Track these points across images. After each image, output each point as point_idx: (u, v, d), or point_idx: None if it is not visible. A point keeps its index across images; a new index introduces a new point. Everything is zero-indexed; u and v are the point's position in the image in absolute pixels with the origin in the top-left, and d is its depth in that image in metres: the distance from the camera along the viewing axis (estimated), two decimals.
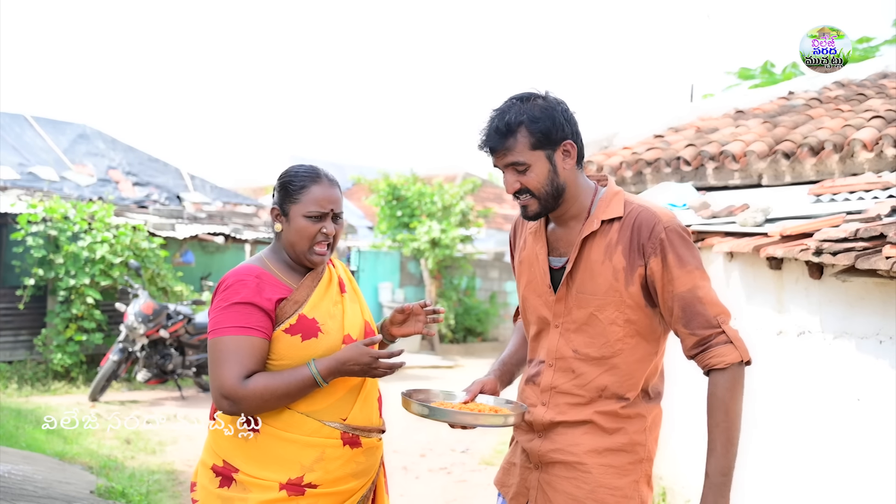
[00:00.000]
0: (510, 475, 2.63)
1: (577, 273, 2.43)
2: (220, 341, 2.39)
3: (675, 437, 5.60)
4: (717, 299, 2.34)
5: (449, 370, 14.04)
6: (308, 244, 2.50)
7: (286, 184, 2.53)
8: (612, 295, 2.38)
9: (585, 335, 2.42)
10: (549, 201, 2.42)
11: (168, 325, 9.76)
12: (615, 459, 2.43)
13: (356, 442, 2.50)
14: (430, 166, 21.94)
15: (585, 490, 2.41)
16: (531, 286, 2.56)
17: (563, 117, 2.39)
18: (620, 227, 2.40)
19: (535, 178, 2.38)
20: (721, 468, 2.36)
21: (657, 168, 6.41)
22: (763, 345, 4.57)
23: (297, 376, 2.39)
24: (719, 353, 2.30)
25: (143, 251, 11.00)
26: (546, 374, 2.49)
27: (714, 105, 8.12)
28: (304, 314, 2.46)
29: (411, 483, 6.65)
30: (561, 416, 2.46)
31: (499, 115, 2.40)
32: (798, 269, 4.28)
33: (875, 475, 3.78)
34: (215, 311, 2.44)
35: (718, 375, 2.32)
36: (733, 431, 2.36)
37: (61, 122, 14.63)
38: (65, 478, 5.70)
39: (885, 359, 3.75)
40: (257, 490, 2.39)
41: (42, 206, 10.50)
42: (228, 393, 2.34)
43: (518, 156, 2.37)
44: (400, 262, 17.50)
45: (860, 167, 5.18)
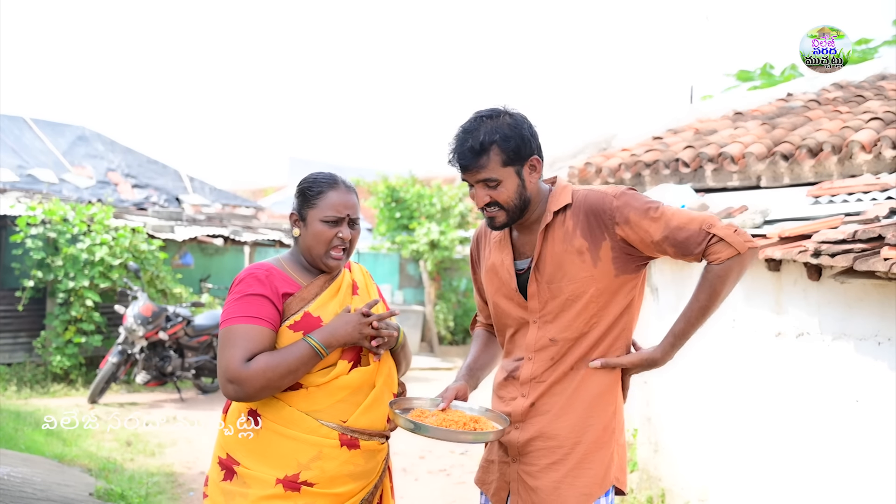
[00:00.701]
0: (489, 472, 2.71)
1: (545, 267, 2.55)
2: (229, 329, 2.45)
3: (672, 438, 5.60)
4: (693, 215, 2.49)
5: (448, 372, 14.03)
6: (324, 248, 2.57)
7: (305, 190, 2.62)
8: (582, 277, 2.51)
9: (563, 321, 2.54)
10: (517, 213, 2.57)
11: (167, 327, 9.76)
12: (589, 435, 2.53)
13: (354, 444, 2.51)
14: (429, 168, 21.92)
15: (563, 471, 2.51)
16: (501, 292, 2.68)
17: (529, 133, 2.55)
18: (573, 213, 2.55)
19: (506, 193, 2.53)
20: (680, 331, 2.55)
21: (656, 170, 6.41)
22: (761, 346, 4.58)
23: (296, 351, 2.44)
24: (714, 251, 2.44)
25: (142, 253, 10.99)
26: (525, 368, 2.60)
27: (713, 107, 8.12)
28: (309, 312, 2.52)
29: (410, 485, 6.66)
30: (540, 400, 2.56)
31: (471, 134, 2.51)
32: (796, 271, 4.28)
33: (874, 476, 3.78)
34: (227, 304, 2.51)
35: (715, 265, 2.46)
36: (708, 311, 2.52)
37: (60, 124, 14.64)
38: (64, 480, 5.70)
39: (884, 360, 3.76)
40: (256, 485, 2.43)
41: (41, 208, 10.48)
42: (233, 376, 2.39)
43: (490, 173, 2.50)
44: (399, 264, 17.50)
45: (858, 169, 5.18)
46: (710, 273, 2.45)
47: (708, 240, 2.42)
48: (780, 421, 4.42)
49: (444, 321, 16.54)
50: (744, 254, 2.43)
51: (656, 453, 5.78)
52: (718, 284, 2.45)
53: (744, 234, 2.45)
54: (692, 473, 5.28)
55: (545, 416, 2.55)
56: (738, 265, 2.44)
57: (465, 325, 17.05)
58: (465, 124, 2.55)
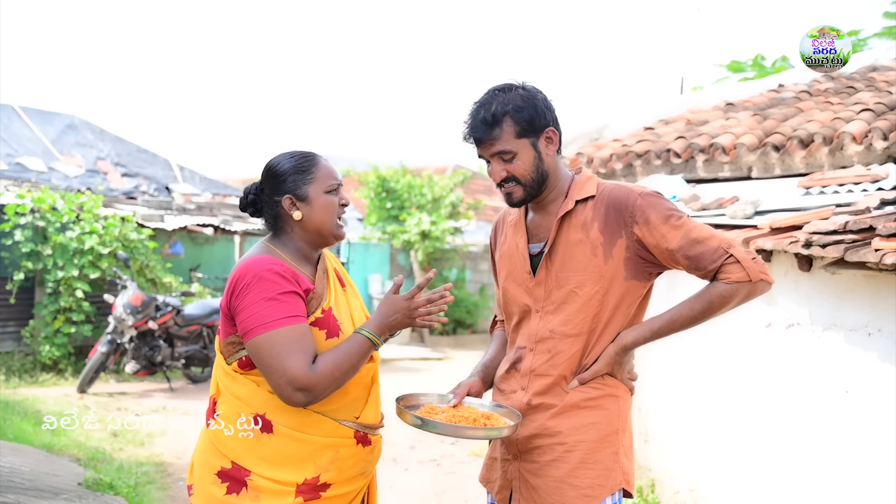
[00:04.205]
0: (493, 470, 2.67)
1: (557, 254, 2.50)
2: (276, 335, 2.24)
3: (662, 429, 5.61)
4: (714, 232, 2.42)
5: (439, 362, 14.04)
6: (334, 220, 2.46)
7: (297, 167, 2.44)
8: (590, 271, 2.45)
9: (564, 314, 2.48)
10: (535, 188, 2.51)
11: (157, 316, 9.73)
12: (592, 433, 2.46)
13: (367, 440, 2.48)
14: (420, 158, 21.91)
15: (565, 469, 2.44)
16: (511, 276, 2.62)
17: (544, 105, 2.49)
18: (595, 205, 2.49)
19: (522, 166, 2.47)
20: (659, 330, 2.47)
21: (647, 160, 6.41)
22: (752, 337, 4.58)
23: (354, 345, 2.33)
24: (727, 271, 2.37)
25: (131, 242, 10.95)
26: (527, 359, 2.55)
27: (704, 97, 8.12)
28: (324, 308, 2.41)
29: (400, 475, 6.65)
30: (538, 397, 2.50)
31: (483, 107, 2.47)
32: (787, 262, 4.28)
33: (863, 467, 3.79)
34: (253, 304, 2.28)
35: (722, 283, 2.39)
36: (696, 322, 2.44)
37: (49, 112, 14.54)
38: (52, 470, 5.68)
39: (874, 351, 3.76)
40: (270, 496, 2.30)
41: (30, 196, 10.43)
42: (304, 384, 2.22)
43: (504, 144, 2.45)
44: (390, 254, 17.49)
45: (849, 160, 5.18)
46: (715, 289, 2.38)
47: (725, 258, 2.35)
48: (771, 411, 4.42)
49: None
50: (755, 283, 2.36)
51: (646, 443, 5.79)
52: (718, 302, 2.38)
53: (761, 265, 2.37)
54: (682, 463, 5.29)
55: (546, 412, 2.48)
56: (744, 291, 2.37)
57: (455, 316, 17.07)
58: (478, 99, 2.51)
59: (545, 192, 2.54)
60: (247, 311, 2.28)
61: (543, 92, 2.53)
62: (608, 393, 2.49)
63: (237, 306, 2.32)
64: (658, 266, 2.48)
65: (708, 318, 2.42)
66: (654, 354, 5.41)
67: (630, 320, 2.51)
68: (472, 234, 19.08)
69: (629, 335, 2.47)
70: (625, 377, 2.53)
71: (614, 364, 2.48)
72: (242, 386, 2.38)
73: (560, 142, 2.54)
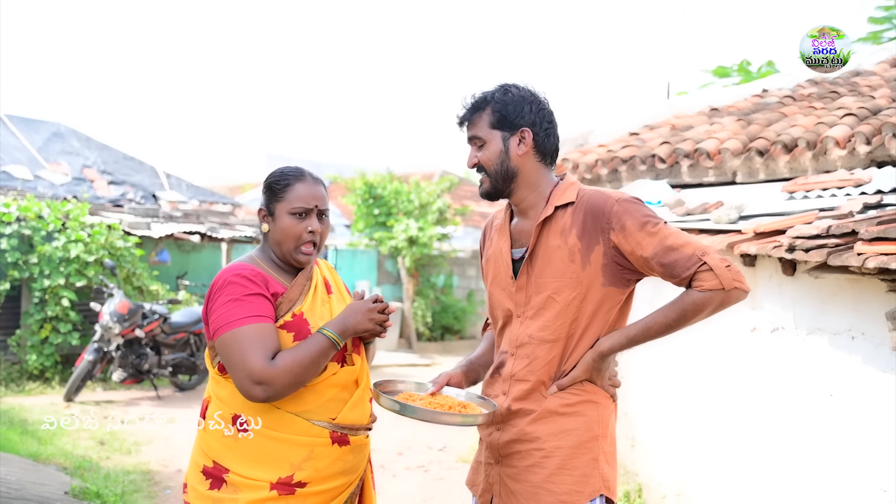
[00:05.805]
0: (478, 474, 2.69)
1: (536, 260, 2.53)
2: (238, 332, 2.33)
3: (649, 433, 5.63)
4: (690, 239, 2.42)
5: (426, 368, 14.03)
6: (294, 243, 2.53)
7: (272, 184, 2.57)
8: (568, 277, 2.47)
9: (542, 319, 2.50)
10: (499, 182, 2.58)
11: (144, 324, 9.70)
12: (570, 439, 2.47)
13: (345, 440, 2.51)
14: (407, 164, 21.94)
15: (542, 475, 2.46)
16: (496, 280, 2.67)
17: (531, 108, 2.55)
18: (574, 212, 2.51)
19: (487, 156, 2.56)
20: (634, 338, 2.46)
21: (632, 165, 6.43)
22: (737, 341, 4.60)
23: (314, 343, 2.40)
24: (700, 279, 2.36)
25: (118, 250, 10.91)
26: (508, 364, 2.58)
27: (689, 103, 8.15)
28: (295, 313, 2.47)
29: (388, 481, 6.65)
30: (517, 403, 2.52)
31: (476, 94, 2.60)
32: (771, 266, 4.31)
33: (848, 469, 3.81)
34: (221, 306, 2.38)
35: (696, 291, 2.38)
36: (671, 330, 2.44)
37: (35, 120, 14.48)
38: (39, 479, 5.66)
39: (858, 355, 3.78)
40: (247, 490, 2.38)
41: (16, 205, 10.39)
42: (261, 377, 2.29)
43: (477, 130, 2.57)
44: (377, 261, 17.49)
45: (833, 164, 5.21)
46: (689, 297, 2.37)
47: (698, 266, 2.34)
48: (756, 415, 4.45)
49: (422, 318, 16.54)
50: (728, 291, 2.34)
51: (633, 448, 5.80)
52: (691, 311, 2.37)
53: (735, 273, 2.36)
54: (669, 468, 5.31)
55: (525, 417, 2.49)
56: (717, 300, 2.35)
57: (443, 322, 17.07)
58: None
59: (520, 194, 2.59)
60: (215, 314, 2.39)
61: (544, 100, 2.60)
62: (587, 399, 2.49)
63: (209, 310, 2.43)
64: (636, 273, 2.49)
65: (683, 325, 2.42)
66: (640, 359, 5.43)
67: (610, 326, 2.52)
68: (460, 240, 19.08)
69: (606, 342, 2.48)
70: (605, 383, 2.53)
71: (593, 370, 2.49)
72: (223, 388, 2.48)
73: (545, 148, 2.58)
